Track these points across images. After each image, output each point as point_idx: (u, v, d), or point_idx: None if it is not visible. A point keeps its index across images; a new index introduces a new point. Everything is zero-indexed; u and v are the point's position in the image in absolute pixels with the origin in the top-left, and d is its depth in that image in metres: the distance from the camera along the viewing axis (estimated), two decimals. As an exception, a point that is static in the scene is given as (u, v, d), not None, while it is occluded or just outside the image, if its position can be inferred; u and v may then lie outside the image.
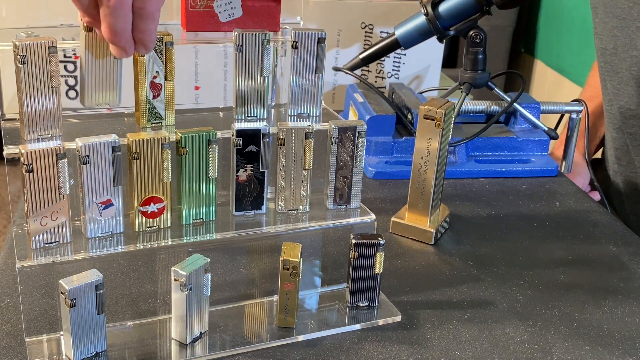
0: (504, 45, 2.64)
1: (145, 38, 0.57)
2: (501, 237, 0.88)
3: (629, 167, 1.15)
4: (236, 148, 0.68)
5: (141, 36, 0.57)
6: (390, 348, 0.67)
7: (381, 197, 0.97)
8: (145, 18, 0.55)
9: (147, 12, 0.55)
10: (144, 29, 0.56)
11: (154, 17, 0.56)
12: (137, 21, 0.55)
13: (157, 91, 0.67)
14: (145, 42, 0.58)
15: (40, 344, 0.64)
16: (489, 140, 1.08)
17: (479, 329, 0.70)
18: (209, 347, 0.65)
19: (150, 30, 0.57)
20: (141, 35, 0.57)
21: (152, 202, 0.66)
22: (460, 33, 1.05)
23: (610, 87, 1.15)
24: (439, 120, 0.81)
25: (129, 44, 0.57)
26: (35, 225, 0.61)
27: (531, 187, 1.02)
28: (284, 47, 0.75)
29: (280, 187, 0.71)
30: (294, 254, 0.66)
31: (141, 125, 0.68)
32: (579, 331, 0.71)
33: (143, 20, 0.56)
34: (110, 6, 0.54)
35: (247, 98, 0.70)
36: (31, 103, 0.61)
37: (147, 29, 0.56)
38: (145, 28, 0.56)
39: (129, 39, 0.57)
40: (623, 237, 0.89)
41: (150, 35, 0.57)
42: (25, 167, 0.59)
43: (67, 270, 0.61)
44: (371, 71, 1.25)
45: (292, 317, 0.68)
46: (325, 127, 0.71)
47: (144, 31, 0.56)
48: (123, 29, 0.55)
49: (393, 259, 0.82)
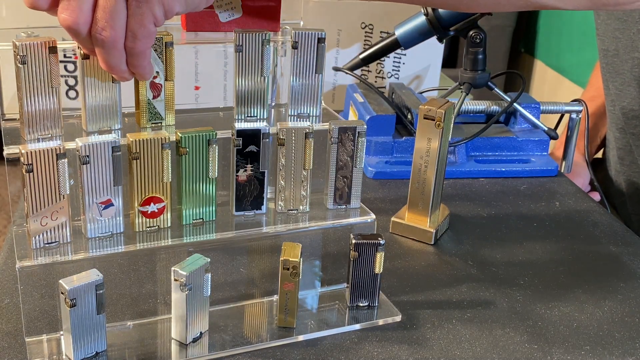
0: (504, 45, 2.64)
1: (139, 72, 0.60)
2: (501, 237, 0.88)
3: (632, 167, 1.15)
4: (236, 148, 0.68)
5: (135, 70, 0.60)
6: (390, 348, 0.67)
7: (381, 197, 0.97)
8: (136, 56, 0.59)
9: (137, 51, 0.58)
10: (137, 65, 0.60)
11: (145, 54, 0.59)
12: (129, 58, 0.59)
13: (157, 91, 0.67)
14: (140, 75, 0.61)
15: (40, 344, 0.64)
16: (489, 140, 1.08)
17: (479, 329, 0.70)
18: (209, 347, 0.65)
19: (142, 66, 0.60)
20: (135, 70, 0.60)
21: (152, 202, 0.66)
22: (460, 33, 1.05)
23: (612, 88, 1.15)
24: (439, 120, 0.81)
25: (126, 74, 0.61)
26: (35, 225, 0.61)
27: (531, 187, 1.02)
28: (284, 47, 0.75)
29: (280, 187, 0.71)
30: (294, 254, 0.66)
31: (141, 125, 0.68)
32: (579, 331, 0.71)
33: (134, 58, 0.59)
34: (104, 46, 0.57)
35: (247, 98, 0.70)
36: (31, 103, 0.61)
37: (139, 64, 0.60)
38: (137, 64, 0.59)
39: (125, 71, 0.60)
40: (623, 237, 0.89)
41: (143, 69, 0.60)
42: (25, 167, 0.59)
43: (67, 270, 0.61)
44: (371, 71, 1.25)
45: (292, 317, 0.68)
46: (325, 127, 0.71)
47: (136, 66, 0.60)
48: (118, 64, 0.59)
49: (393, 259, 0.82)
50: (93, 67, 0.64)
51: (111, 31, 0.56)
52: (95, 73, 0.64)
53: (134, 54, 0.58)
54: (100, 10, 0.56)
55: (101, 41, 0.57)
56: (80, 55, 0.63)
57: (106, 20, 0.56)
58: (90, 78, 0.64)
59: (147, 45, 0.58)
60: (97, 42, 0.57)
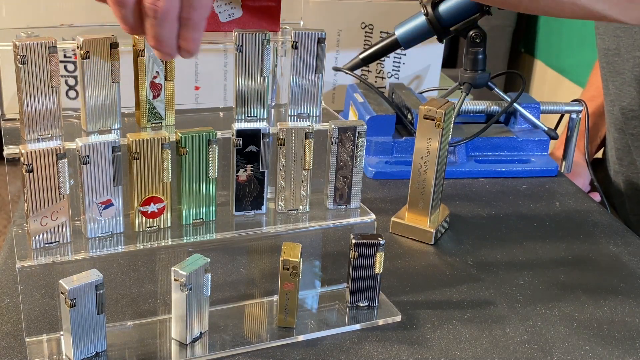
0: (504, 45, 2.64)
1: (190, 46, 0.58)
2: (501, 237, 0.88)
3: (631, 167, 1.15)
4: (236, 148, 0.68)
5: (186, 44, 0.58)
6: (390, 348, 0.67)
7: (381, 197, 0.97)
8: (191, 28, 0.57)
9: (193, 22, 0.56)
10: (189, 38, 0.57)
11: (199, 26, 0.57)
12: (183, 30, 0.57)
13: (157, 91, 0.68)
14: (190, 50, 0.59)
15: (40, 344, 0.64)
16: (489, 140, 1.08)
17: (479, 329, 0.70)
18: (209, 347, 0.65)
19: (195, 39, 0.58)
20: (186, 43, 0.58)
21: (152, 202, 0.66)
22: (460, 33, 1.05)
23: (612, 87, 1.14)
24: (439, 120, 0.81)
25: (173, 50, 0.58)
26: (35, 225, 0.61)
27: (531, 187, 1.02)
28: (284, 47, 0.75)
29: (280, 187, 0.71)
30: (294, 254, 0.66)
31: (141, 125, 0.68)
32: (579, 331, 0.71)
33: (188, 30, 0.57)
34: (157, 17, 0.55)
35: (247, 98, 0.70)
36: (31, 103, 0.61)
37: (192, 37, 0.57)
38: (190, 37, 0.57)
39: (174, 46, 0.58)
40: (623, 237, 0.89)
41: (195, 43, 0.58)
42: (25, 167, 0.59)
43: (67, 270, 0.61)
44: (371, 71, 1.25)
45: (292, 317, 0.68)
46: (325, 127, 0.71)
47: (189, 39, 0.58)
48: (169, 38, 0.57)
49: (393, 259, 0.82)
50: (93, 67, 0.64)
51: (166, 1, 0.54)
52: (95, 73, 0.64)
53: (189, 25, 0.56)
54: None
55: (154, 11, 0.55)
56: (80, 55, 0.63)
57: None
58: (90, 78, 0.64)
59: (204, 15, 0.56)
60: (150, 13, 0.55)
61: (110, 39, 0.64)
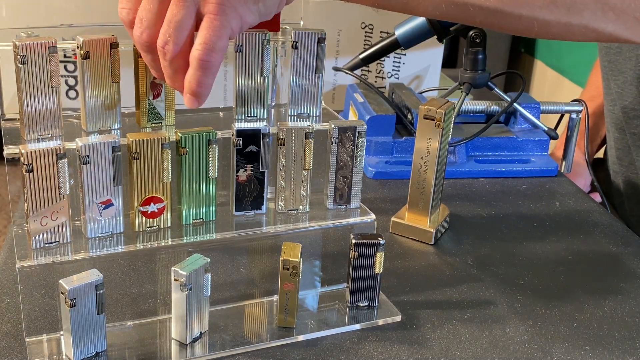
0: (504, 45, 2.64)
1: (201, 90, 0.58)
2: (501, 237, 0.88)
3: (630, 167, 1.15)
4: (236, 148, 0.68)
5: (198, 89, 0.58)
6: (390, 348, 0.67)
7: (381, 197, 0.97)
8: (207, 70, 0.57)
9: (210, 64, 0.57)
10: (202, 82, 0.58)
11: (215, 69, 0.58)
12: (198, 72, 0.57)
13: (158, 92, 0.67)
14: (199, 95, 0.59)
15: (40, 344, 0.64)
16: (489, 140, 1.08)
17: (479, 329, 0.70)
18: (209, 347, 0.65)
19: (207, 84, 0.58)
20: (198, 88, 0.58)
21: (152, 202, 0.66)
22: (460, 33, 1.05)
23: (614, 86, 1.14)
24: (439, 120, 0.81)
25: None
26: (35, 225, 0.61)
27: (531, 187, 1.02)
28: (284, 47, 0.75)
29: (280, 187, 0.71)
30: (294, 254, 0.66)
31: (141, 125, 0.68)
32: (579, 331, 0.71)
33: (203, 72, 0.57)
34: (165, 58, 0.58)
35: (247, 98, 0.70)
36: (31, 103, 0.61)
37: (205, 82, 0.58)
38: (203, 81, 0.58)
39: None
40: (623, 237, 0.89)
41: (207, 87, 0.58)
42: (25, 167, 0.59)
43: (67, 270, 0.61)
44: (371, 71, 1.25)
45: (292, 317, 0.68)
46: (325, 127, 0.71)
47: (202, 84, 0.58)
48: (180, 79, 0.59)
49: (393, 259, 0.82)
50: (93, 67, 0.64)
51: (174, 46, 0.56)
52: (95, 73, 0.64)
53: (205, 67, 0.56)
54: (166, 23, 0.56)
55: (163, 54, 0.56)
56: (80, 55, 0.63)
57: (169, 35, 0.56)
58: (90, 78, 0.64)
59: (220, 60, 0.57)
60: (160, 55, 0.57)
61: (110, 39, 0.64)
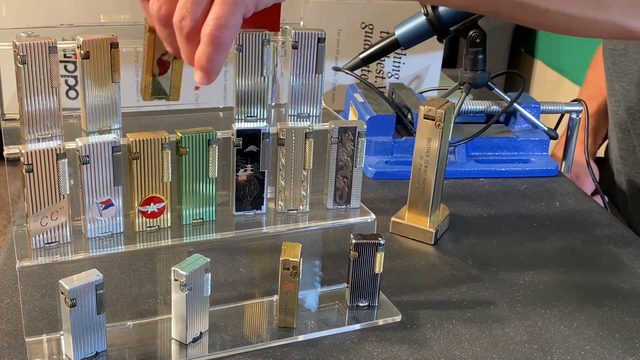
0: (504, 45, 2.65)
1: (211, 67, 0.58)
2: (501, 237, 0.88)
3: (635, 167, 1.15)
4: (236, 148, 0.68)
5: (207, 64, 0.58)
6: (390, 348, 0.67)
7: (381, 197, 0.97)
8: (219, 47, 0.57)
9: (222, 40, 0.56)
10: (213, 58, 0.57)
11: (227, 47, 0.57)
12: (209, 48, 0.57)
13: (164, 68, 0.67)
14: (209, 72, 0.58)
15: (40, 344, 0.64)
16: (489, 140, 1.08)
17: (479, 329, 0.70)
18: (209, 347, 0.65)
19: (219, 61, 0.58)
20: (208, 64, 0.58)
21: (152, 202, 0.66)
22: (460, 33, 1.05)
23: (618, 88, 1.14)
24: (439, 120, 0.81)
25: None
26: (35, 225, 0.61)
27: (531, 187, 1.02)
28: (284, 47, 0.75)
29: (280, 187, 0.71)
30: (294, 254, 0.66)
31: (144, 99, 0.67)
32: (579, 331, 0.71)
33: (214, 49, 0.57)
34: (181, 34, 0.57)
35: (247, 98, 0.70)
36: (31, 103, 0.61)
37: (216, 58, 0.57)
38: (214, 57, 0.57)
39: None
40: (623, 237, 0.89)
41: (218, 64, 0.58)
42: (25, 167, 0.59)
43: (67, 270, 0.61)
44: (371, 71, 1.25)
45: (292, 317, 0.68)
46: (325, 127, 0.71)
47: (212, 60, 0.57)
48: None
49: (393, 259, 0.82)
50: (93, 67, 0.64)
51: (191, 21, 0.55)
52: (95, 73, 0.64)
53: (216, 43, 0.56)
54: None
55: (180, 29, 0.56)
56: (80, 55, 0.63)
57: (187, 10, 0.55)
58: (90, 78, 0.64)
59: (232, 37, 0.56)
60: (177, 31, 0.56)
61: (110, 39, 0.64)
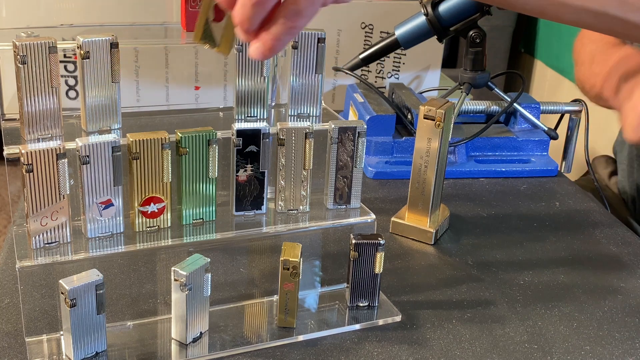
0: (504, 45, 2.64)
1: (272, 44, 0.55)
2: (501, 237, 0.88)
3: None
4: (236, 148, 0.68)
5: (273, 39, 0.55)
6: (390, 348, 0.67)
7: (381, 197, 0.97)
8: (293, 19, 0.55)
9: (301, 9, 0.55)
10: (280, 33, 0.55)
11: (301, 25, 0.56)
12: (283, 19, 0.55)
13: (220, 16, 0.63)
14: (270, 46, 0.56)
15: (40, 344, 0.64)
16: (489, 140, 1.08)
17: (479, 329, 0.70)
18: (209, 347, 0.65)
19: (284, 40, 0.56)
20: (274, 39, 0.55)
21: (152, 202, 0.66)
22: (460, 33, 1.05)
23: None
24: (439, 120, 0.81)
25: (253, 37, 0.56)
26: (35, 225, 0.61)
27: (531, 187, 1.02)
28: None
29: (280, 187, 0.71)
30: (294, 254, 0.66)
31: (194, 40, 0.64)
32: (579, 331, 0.71)
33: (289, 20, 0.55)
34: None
35: (247, 98, 0.70)
36: (31, 103, 0.61)
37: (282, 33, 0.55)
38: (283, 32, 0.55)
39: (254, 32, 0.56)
40: (623, 237, 0.89)
41: (283, 41, 0.56)
42: (25, 167, 0.59)
43: (67, 270, 0.61)
44: (371, 71, 1.25)
45: (292, 317, 0.68)
46: (325, 127, 0.71)
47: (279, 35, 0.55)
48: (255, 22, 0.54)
49: (393, 259, 0.82)
50: (93, 67, 0.64)
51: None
52: (95, 73, 0.64)
53: (291, 15, 0.54)
54: None
55: None
56: (80, 55, 0.63)
57: None
58: (90, 78, 0.64)
59: (304, 25, 0.54)
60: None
61: (110, 39, 0.64)
